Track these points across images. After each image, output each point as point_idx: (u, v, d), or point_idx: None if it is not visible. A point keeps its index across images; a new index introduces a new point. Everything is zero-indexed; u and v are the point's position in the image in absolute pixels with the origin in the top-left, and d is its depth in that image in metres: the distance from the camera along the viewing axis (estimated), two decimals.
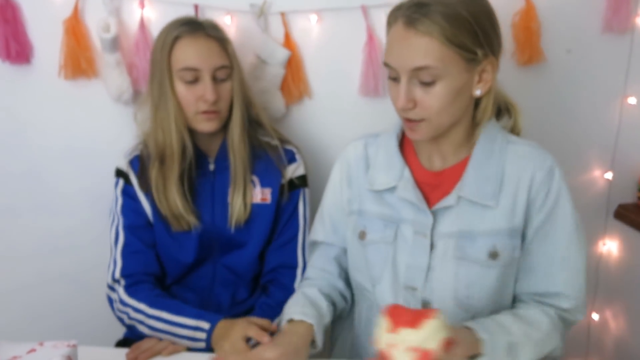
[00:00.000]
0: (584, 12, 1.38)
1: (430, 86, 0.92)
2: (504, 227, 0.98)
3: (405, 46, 0.92)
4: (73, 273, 1.54)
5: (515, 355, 0.92)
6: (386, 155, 1.06)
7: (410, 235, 1.01)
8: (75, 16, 1.36)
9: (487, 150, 1.00)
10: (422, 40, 0.90)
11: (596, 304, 1.57)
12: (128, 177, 1.25)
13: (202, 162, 1.24)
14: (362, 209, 1.07)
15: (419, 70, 0.91)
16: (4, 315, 1.55)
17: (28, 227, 1.53)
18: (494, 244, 0.98)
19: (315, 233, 1.17)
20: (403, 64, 0.92)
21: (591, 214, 1.51)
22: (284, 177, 1.25)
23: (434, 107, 0.93)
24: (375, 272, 1.05)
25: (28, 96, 1.44)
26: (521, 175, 0.99)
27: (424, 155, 1.05)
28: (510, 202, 0.98)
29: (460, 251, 0.98)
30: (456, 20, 0.90)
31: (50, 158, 1.48)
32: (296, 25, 1.39)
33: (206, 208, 1.23)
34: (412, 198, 1.01)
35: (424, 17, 0.90)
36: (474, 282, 0.98)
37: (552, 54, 1.39)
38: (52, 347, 0.72)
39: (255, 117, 1.28)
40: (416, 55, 0.91)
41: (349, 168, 1.11)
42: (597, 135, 1.47)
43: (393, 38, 0.95)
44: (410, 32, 0.91)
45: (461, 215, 0.99)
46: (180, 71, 1.15)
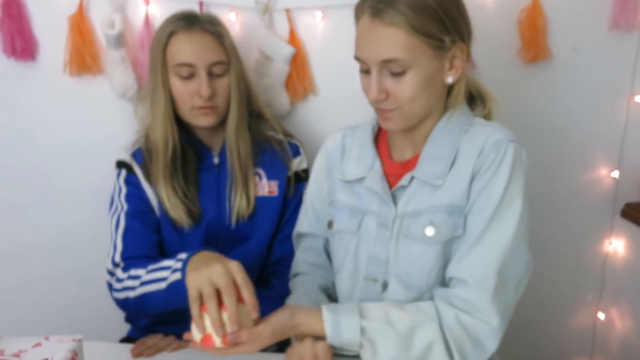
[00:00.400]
0: (591, 9, 1.37)
1: (401, 76, 0.92)
2: (444, 203, 0.94)
3: (372, 38, 0.92)
4: (77, 269, 1.54)
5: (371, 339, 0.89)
6: (360, 147, 1.08)
7: (374, 226, 1.01)
8: (80, 12, 1.35)
9: (444, 132, 0.99)
10: (388, 31, 0.90)
11: (602, 304, 1.56)
12: (131, 168, 1.24)
13: (206, 156, 1.24)
14: (333, 198, 1.09)
15: (387, 62, 0.91)
16: (9, 311, 1.56)
17: (32, 223, 1.53)
18: (430, 220, 0.94)
19: (300, 225, 1.18)
20: (372, 56, 0.93)
21: (597, 212, 1.50)
22: (290, 170, 1.26)
23: (406, 96, 0.93)
24: (337, 262, 1.07)
25: (33, 92, 1.44)
26: (469, 152, 0.95)
27: (397, 148, 1.06)
28: (455, 179, 0.95)
29: (405, 229, 0.98)
30: (421, 9, 0.90)
31: (55, 154, 1.48)
32: (301, 22, 1.38)
33: (211, 202, 1.23)
34: (378, 189, 1.01)
35: (388, 7, 0.90)
36: (414, 259, 0.96)
37: (559, 51, 1.38)
38: (58, 342, 0.72)
39: (258, 110, 1.28)
40: (383, 47, 0.91)
41: (328, 158, 1.13)
42: (604, 134, 1.46)
43: (360, 31, 0.95)
44: (376, 24, 0.91)
45: (414, 195, 0.98)
46: (175, 67, 1.15)
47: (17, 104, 1.45)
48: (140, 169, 1.23)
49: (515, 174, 0.92)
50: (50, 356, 0.68)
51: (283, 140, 1.27)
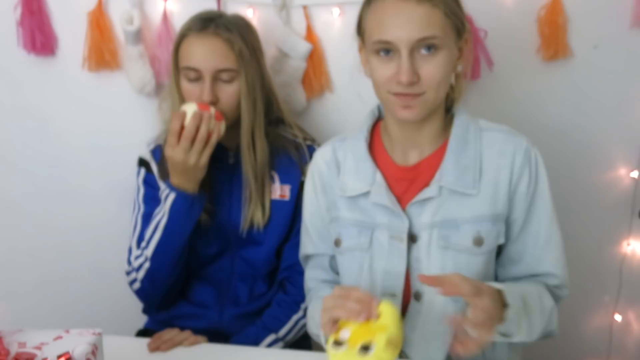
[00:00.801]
0: (612, 6, 1.34)
1: (433, 56, 0.91)
2: (487, 214, 0.97)
3: (405, 17, 0.90)
4: (95, 266, 1.56)
5: (527, 310, 0.91)
6: (355, 160, 1.04)
7: (386, 240, 0.99)
8: (100, 8, 1.37)
9: (462, 139, 1.00)
10: (424, 8, 0.89)
11: (619, 305, 1.54)
12: (149, 166, 1.25)
13: (222, 155, 1.24)
14: (337, 215, 1.06)
15: (422, 40, 0.90)
16: (28, 306, 1.58)
17: (51, 221, 1.55)
18: (477, 230, 0.97)
19: (304, 247, 1.15)
20: (406, 35, 0.90)
21: (616, 213, 1.48)
22: (303, 174, 1.24)
23: (436, 77, 0.92)
24: (349, 280, 1.04)
25: (52, 87, 1.46)
26: (500, 162, 0.99)
27: (397, 151, 1.03)
28: (492, 188, 0.98)
29: (444, 240, 0.97)
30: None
31: (73, 149, 1.50)
32: (318, 19, 1.38)
33: (224, 201, 1.23)
34: (386, 202, 0.99)
35: None
36: (461, 270, 0.95)
37: (579, 49, 1.36)
38: (78, 335, 0.73)
39: (277, 113, 1.26)
40: (421, 25, 0.89)
41: (321, 175, 1.09)
42: (623, 133, 1.43)
43: (385, 12, 0.92)
44: (410, 3, 0.89)
45: (443, 204, 0.97)
46: (183, 69, 1.15)
47: (36, 98, 1.47)
48: (158, 166, 1.24)
49: (545, 173, 1.01)
50: (71, 349, 0.69)
51: (302, 145, 1.25)
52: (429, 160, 1.01)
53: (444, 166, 0.98)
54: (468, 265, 0.97)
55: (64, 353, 0.68)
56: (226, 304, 1.26)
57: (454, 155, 0.98)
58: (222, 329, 1.24)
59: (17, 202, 1.55)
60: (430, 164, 1.01)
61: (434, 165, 1.00)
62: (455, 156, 0.98)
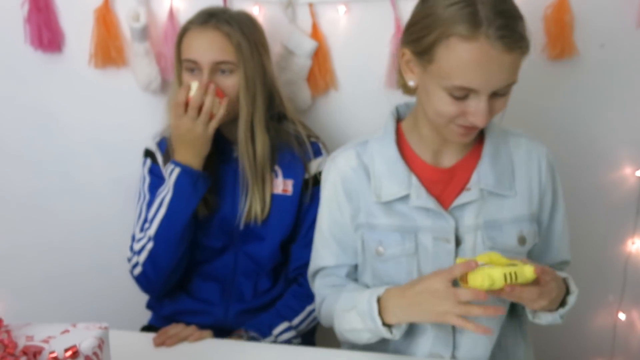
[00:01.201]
0: (619, 5, 1.34)
1: (505, 95, 0.91)
2: (526, 213, 1.01)
3: (494, 67, 0.85)
4: (100, 262, 1.57)
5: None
6: (385, 163, 1.02)
7: (430, 243, 0.99)
8: (106, 5, 1.37)
9: (495, 143, 1.02)
10: (513, 56, 0.86)
11: (623, 304, 1.54)
12: (155, 156, 1.26)
13: (226, 149, 1.25)
14: (372, 222, 1.02)
15: (506, 87, 0.88)
16: (33, 301, 1.60)
17: (57, 216, 1.56)
18: (520, 229, 1.00)
19: (321, 259, 1.09)
20: (490, 84, 0.86)
21: (621, 212, 1.48)
22: (307, 172, 1.24)
23: (500, 111, 0.93)
24: None
25: (58, 84, 1.47)
26: (529, 165, 1.03)
27: (427, 153, 1.02)
28: (526, 189, 1.02)
29: (491, 241, 0.98)
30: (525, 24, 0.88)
31: (79, 145, 1.50)
32: (324, 16, 1.38)
33: (228, 194, 1.24)
34: (429, 204, 0.98)
35: (516, 34, 0.85)
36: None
37: (585, 48, 1.36)
38: (85, 329, 0.73)
39: (280, 109, 1.26)
40: (507, 75, 0.87)
41: (346, 182, 1.04)
42: (629, 132, 1.43)
43: (470, 58, 0.85)
44: (500, 52, 0.84)
45: (483, 206, 0.99)
46: (184, 61, 1.17)
47: (43, 95, 1.48)
48: (163, 157, 1.25)
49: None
50: (78, 342, 0.70)
51: (305, 141, 1.25)
52: (464, 162, 1.02)
53: (482, 169, 0.99)
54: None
55: (71, 347, 0.68)
56: (231, 300, 1.27)
57: (490, 159, 1.00)
58: (227, 325, 1.24)
59: (23, 197, 1.56)
60: (466, 165, 1.01)
61: (469, 167, 1.01)
62: (491, 159, 1.00)
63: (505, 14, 0.85)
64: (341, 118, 1.45)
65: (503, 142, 1.03)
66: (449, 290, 0.86)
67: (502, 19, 0.84)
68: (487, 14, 0.83)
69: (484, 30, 0.83)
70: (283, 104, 1.27)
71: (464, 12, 0.84)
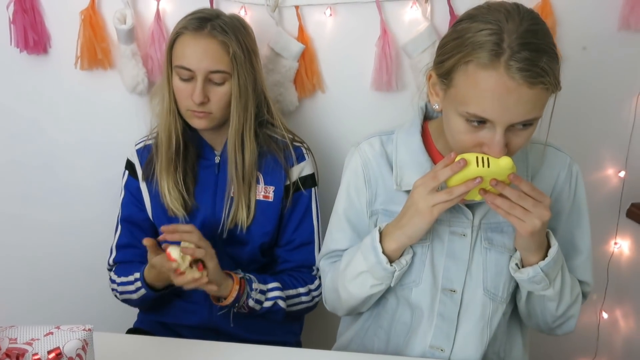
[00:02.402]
0: (601, 9, 1.36)
1: (526, 129, 0.86)
2: None
3: (513, 100, 0.81)
4: (86, 264, 1.56)
5: (563, 273, 0.97)
6: (409, 153, 1.03)
7: (446, 234, 1.00)
8: (92, 7, 1.37)
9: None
10: (534, 92, 0.81)
11: (606, 303, 1.56)
12: (134, 168, 1.27)
13: (208, 154, 1.25)
14: (391, 209, 1.03)
15: (525, 122, 0.85)
16: (18, 303, 1.59)
17: (42, 218, 1.56)
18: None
19: (335, 242, 1.11)
20: (506, 118, 0.83)
21: (604, 212, 1.50)
22: (288, 178, 1.24)
23: (522, 146, 0.88)
24: (411, 276, 1.02)
25: (44, 86, 1.46)
26: (546, 174, 1.02)
27: (440, 141, 1.03)
28: None
29: (488, 242, 1.00)
30: (557, 62, 0.83)
31: (65, 147, 1.50)
32: (310, 19, 1.39)
33: (207, 199, 1.24)
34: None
35: (539, 69, 0.80)
36: (501, 271, 1.00)
37: (568, 50, 1.37)
38: (69, 331, 0.73)
39: (269, 118, 1.26)
40: (525, 110, 0.82)
41: (367, 167, 1.06)
42: (612, 134, 1.45)
43: (487, 88, 0.82)
44: (520, 84, 0.80)
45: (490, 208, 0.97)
46: (176, 67, 1.15)
47: (29, 97, 1.47)
48: (142, 166, 1.26)
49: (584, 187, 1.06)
50: (61, 345, 0.70)
51: (288, 145, 1.24)
52: None
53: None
54: (507, 266, 1.00)
55: (54, 348, 0.68)
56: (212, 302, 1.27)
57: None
58: (212, 325, 1.25)
59: (9, 199, 1.55)
60: None
61: None
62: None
63: (530, 46, 0.80)
64: (328, 119, 1.46)
65: (524, 149, 0.99)
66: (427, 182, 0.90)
67: (526, 52, 0.80)
68: (511, 44, 0.80)
69: (504, 60, 0.80)
70: (271, 110, 1.26)
71: (489, 40, 0.82)
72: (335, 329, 1.23)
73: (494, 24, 0.82)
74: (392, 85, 1.39)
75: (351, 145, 1.12)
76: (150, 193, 1.26)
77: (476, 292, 1.01)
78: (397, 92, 1.40)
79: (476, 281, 1.00)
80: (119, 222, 1.30)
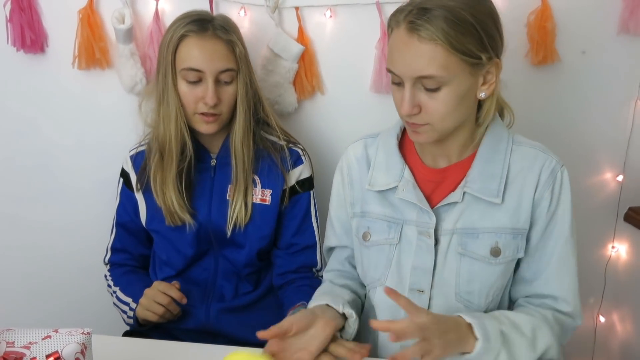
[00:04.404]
0: (600, 13, 1.37)
1: (435, 92, 0.91)
2: (508, 226, 0.98)
3: (408, 53, 0.90)
4: (82, 266, 1.55)
5: (508, 345, 0.90)
6: (385, 155, 1.06)
7: (414, 235, 1.01)
8: (91, 6, 1.36)
9: (492, 149, 1.00)
10: (426, 47, 0.88)
11: (603, 307, 1.57)
12: (128, 177, 1.28)
13: (204, 157, 1.25)
14: (366, 210, 1.07)
15: (423, 78, 0.90)
16: (14, 306, 1.58)
17: (40, 218, 1.54)
18: (496, 241, 0.98)
19: (328, 239, 1.18)
20: (406, 71, 0.91)
21: (601, 216, 1.51)
22: (286, 182, 1.24)
23: (439, 112, 0.93)
24: (377, 274, 1.05)
25: (41, 85, 1.45)
26: (527, 176, 0.99)
27: (427, 155, 1.04)
28: (516, 201, 0.99)
29: (462, 247, 0.99)
30: (461, 26, 0.88)
31: (63, 147, 1.49)
32: (310, 20, 1.38)
33: (203, 203, 1.24)
34: (413, 198, 1.00)
35: (427, 23, 0.87)
36: (475, 278, 0.98)
37: (567, 54, 1.38)
38: (67, 334, 0.72)
39: (264, 117, 1.26)
40: (420, 63, 0.89)
41: (350, 170, 1.11)
42: (610, 138, 1.46)
43: (395, 43, 0.92)
44: (413, 39, 0.89)
45: (465, 211, 0.99)
46: (183, 70, 1.14)
47: (26, 96, 1.46)
48: (136, 174, 1.26)
49: (569, 195, 1.01)
50: (60, 348, 0.69)
51: (284, 148, 1.25)
52: (457, 165, 1.02)
53: (470, 173, 0.99)
54: (482, 273, 0.98)
55: (53, 352, 0.67)
56: (212, 301, 1.27)
57: (481, 164, 0.99)
58: (209, 327, 1.24)
59: (5, 200, 1.53)
60: (459, 169, 1.01)
61: (462, 170, 1.01)
62: (482, 164, 0.99)
63: (430, 6, 0.89)
64: (327, 121, 1.46)
65: (505, 150, 1.00)
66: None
67: (418, 10, 0.89)
68: (416, 6, 0.90)
69: (402, 17, 0.91)
70: (266, 110, 1.26)
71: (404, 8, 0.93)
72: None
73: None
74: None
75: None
76: (146, 202, 1.25)
77: (448, 298, 0.99)
78: None
79: (448, 286, 0.99)
80: (114, 225, 1.32)
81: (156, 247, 1.29)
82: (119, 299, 1.25)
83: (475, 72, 0.92)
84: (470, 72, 0.92)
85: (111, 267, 1.33)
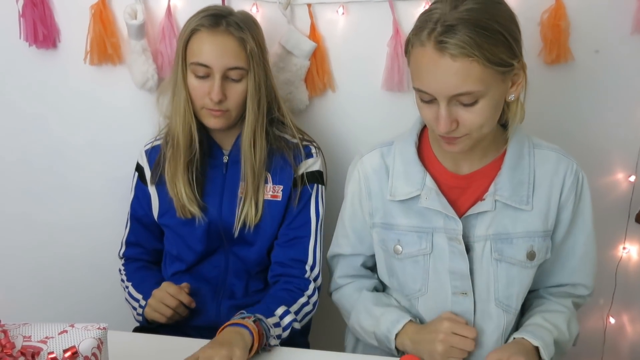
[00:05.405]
0: (614, 12, 1.35)
1: (472, 106, 0.90)
2: (540, 229, 1.01)
3: (441, 72, 0.88)
4: (93, 263, 1.56)
5: (560, 348, 1.01)
6: (404, 164, 1.05)
7: (445, 242, 1.01)
8: (103, 2, 1.36)
9: (517, 154, 1.01)
10: (460, 64, 0.86)
11: (613, 308, 1.56)
12: (143, 171, 1.28)
13: (217, 153, 1.24)
14: (391, 222, 1.06)
15: (459, 95, 0.89)
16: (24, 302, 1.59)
17: (52, 216, 1.55)
18: (530, 245, 1.00)
19: (339, 247, 1.17)
20: (441, 90, 0.89)
21: (613, 217, 1.49)
22: (295, 173, 1.23)
23: (477, 123, 0.92)
24: (417, 285, 1.05)
25: (53, 80, 1.45)
26: (553, 180, 1.02)
27: (448, 160, 1.04)
28: (544, 205, 1.01)
29: (498, 253, 1.00)
30: (491, 37, 0.86)
31: (74, 143, 1.49)
32: (322, 17, 1.38)
33: (214, 199, 1.23)
34: (438, 206, 1.00)
35: (457, 40, 0.85)
36: (513, 282, 1.01)
37: (580, 53, 1.37)
38: (83, 329, 0.72)
39: (279, 116, 1.25)
40: (455, 81, 0.87)
41: (367, 180, 1.09)
42: (622, 138, 1.45)
43: (424, 63, 0.89)
44: (445, 57, 0.86)
45: (497, 218, 1.00)
46: (192, 65, 1.14)
47: (37, 91, 1.46)
48: (150, 169, 1.26)
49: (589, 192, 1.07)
50: (77, 343, 0.69)
51: (299, 146, 1.24)
52: (482, 171, 1.02)
53: (499, 180, 1.00)
54: (519, 277, 1.01)
55: (70, 347, 0.67)
56: (223, 298, 1.27)
57: (509, 171, 1.00)
58: (220, 324, 1.21)
59: (17, 198, 1.54)
60: (484, 174, 1.02)
61: (487, 176, 1.01)
62: (510, 171, 1.00)
63: (457, 21, 0.86)
64: (338, 119, 1.45)
65: (528, 155, 1.02)
66: (447, 337, 0.97)
67: (450, 26, 0.86)
68: (442, 23, 0.87)
69: (433, 37, 0.87)
70: (281, 108, 1.26)
71: (421, 18, 0.92)
72: (342, 328, 1.22)
73: (434, 7, 0.91)
74: (403, 85, 1.38)
75: (360, 146, 1.15)
76: (159, 195, 1.25)
77: (489, 304, 1.01)
78: (408, 92, 1.39)
79: (487, 292, 1.01)
80: (129, 218, 1.32)
81: (167, 241, 1.29)
82: (131, 294, 1.25)
83: (506, 78, 0.93)
84: (502, 79, 0.91)
85: (125, 262, 1.33)
